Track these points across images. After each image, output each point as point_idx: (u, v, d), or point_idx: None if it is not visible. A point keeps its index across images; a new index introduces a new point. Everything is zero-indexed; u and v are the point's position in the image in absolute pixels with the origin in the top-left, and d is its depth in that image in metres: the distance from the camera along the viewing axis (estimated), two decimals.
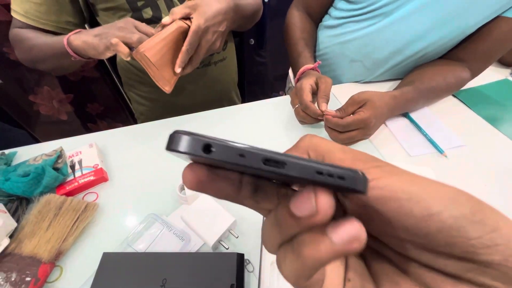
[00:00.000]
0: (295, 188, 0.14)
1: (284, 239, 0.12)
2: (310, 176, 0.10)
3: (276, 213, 0.12)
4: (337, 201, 0.14)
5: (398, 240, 0.12)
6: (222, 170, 0.13)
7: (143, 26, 0.49)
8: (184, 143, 0.10)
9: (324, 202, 0.10)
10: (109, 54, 0.47)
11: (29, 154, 0.52)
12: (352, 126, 0.50)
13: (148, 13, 0.60)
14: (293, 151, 0.14)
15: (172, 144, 0.11)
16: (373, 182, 0.11)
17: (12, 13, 0.56)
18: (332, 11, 0.68)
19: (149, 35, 0.47)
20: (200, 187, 0.13)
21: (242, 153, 0.11)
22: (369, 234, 0.14)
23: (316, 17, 0.73)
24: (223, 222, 0.40)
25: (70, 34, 0.51)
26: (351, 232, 0.10)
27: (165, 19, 0.50)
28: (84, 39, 0.48)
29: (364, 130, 0.51)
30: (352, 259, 0.14)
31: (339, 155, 0.13)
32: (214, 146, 0.10)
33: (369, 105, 0.50)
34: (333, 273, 0.13)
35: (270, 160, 0.11)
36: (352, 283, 0.13)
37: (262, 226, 0.14)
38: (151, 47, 0.46)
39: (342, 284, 0.13)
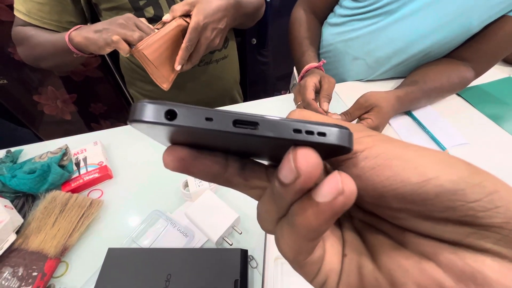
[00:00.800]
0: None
1: (280, 213, 0.12)
2: (287, 135, 0.09)
3: (270, 187, 0.11)
4: None
5: (394, 211, 0.11)
6: (204, 150, 0.12)
7: (143, 22, 0.50)
8: (146, 112, 0.09)
9: (304, 162, 0.09)
10: (109, 50, 0.48)
11: (34, 152, 0.53)
12: None
13: (150, 12, 0.60)
14: None
15: (134, 115, 0.09)
16: (365, 152, 0.11)
17: (15, 12, 0.57)
18: (337, 9, 0.68)
19: (147, 33, 0.48)
20: (183, 166, 0.12)
21: (209, 116, 0.10)
22: (363, 209, 0.14)
23: (321, 16, 0.73)
24: (227, 219, 0.41)
25: (70, 30, 0.51)
26: (333, 187, 0.09)
27: (166, 17, 0.50)
28: (85, 35, 0.49)
29: None
30: (348, 234, 0.14)
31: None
32: (178, 111, 0.09)
33: (377, 112, 0.50)
34: (331, 249, 0.13)
35: (241, 122, 0.10)
36: (349, 258, 0.13)
37: (258, 205, 0.13)
38: (149, 45, 0.46)
39: (340, 260, 0.13)
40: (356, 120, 0.53)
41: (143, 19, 0.51)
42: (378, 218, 0.13)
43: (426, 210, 0.10)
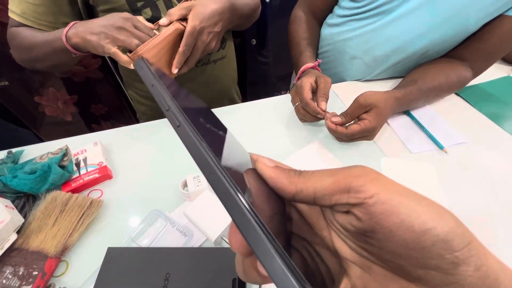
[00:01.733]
0: None
1: None
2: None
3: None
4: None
5: (395, 256, 0.12)
6: None
7: (142, 22, 0.50)
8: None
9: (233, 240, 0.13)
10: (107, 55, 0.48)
11: (35, 153, 0.53)
12: (357, 135, 0.50)
13: (147, 13, 0.61)
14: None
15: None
16: (374, 198, 0.12)
17: (10, 14, 0.57)
18: (336, 10, 0.68)
19: (145, 33, 0.48)
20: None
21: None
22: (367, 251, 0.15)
23: (320, 17, 0.73)
24: (225, 218, 0.41)
25: (66, 29, 0.50)
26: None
27: (163, 20, 0.50)
28: (82, 35, 0.49)
29: (368, 136, 0.52)
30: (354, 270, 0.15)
31: (328, 180, 0.14)
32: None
33: (375, 112, 0.50)
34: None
35: None
36: None
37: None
38: (149, 50, 0.47)
39: None
40: (354, 120, 0.53)
41: (140, 18, 0.51)
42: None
43: (422, 258, 0.11)
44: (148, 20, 0.61)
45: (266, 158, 0.17)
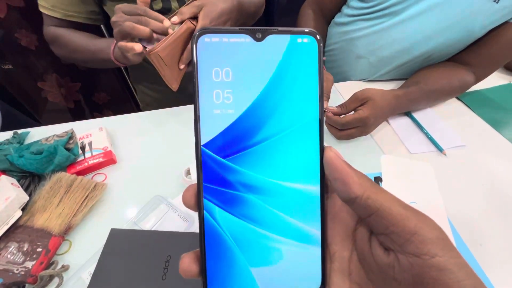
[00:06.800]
0: None
1: None
2: None
3: None
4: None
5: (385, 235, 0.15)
6: None
7: (154, 16, 0.51)
8: None
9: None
10: (137, 60, 0.50)
11: (40, 135, 0.54)
12: (350, 125, 0.52)
13: (158, 4, 0.61)
14: None
15: None
16: (433, 261, 0.13)
17: (40, 8, 0.60)
18: (345, 9, 0.69)
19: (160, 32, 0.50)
20: None
21: None
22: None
23: (328, 16, 0.74)
24: None
25: (112, 47, 0.56)
26: None
27: (174, 19, 0.51)
28: (116, 55, 0.54)
29: (362, 128, 0.53)
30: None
31: (399, 210, 0.14)
32: None
33: (370, 104, 0.52)
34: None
35: None
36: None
37: None
38: (164, 48, 0.48)
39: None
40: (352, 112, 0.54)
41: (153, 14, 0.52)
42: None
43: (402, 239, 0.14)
44: (159, 11, 0.61)
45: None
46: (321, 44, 0.16)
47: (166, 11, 0.62)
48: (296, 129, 0.16)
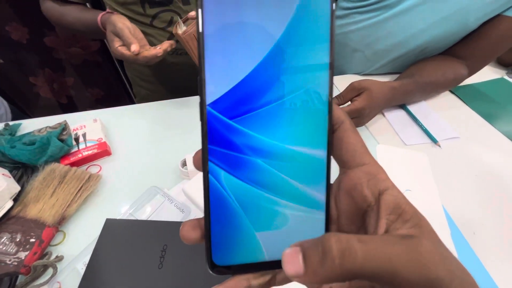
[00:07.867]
0: None
1: None
2: None
3: None
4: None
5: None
6: None
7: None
8: None
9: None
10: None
11: (32, 127, 0.53)
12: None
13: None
14: None
15: None
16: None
17: None
18: (340, 2, 0.69)
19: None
20: None
21: None
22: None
23: None
24: None
25: (100, 15, 0.55)
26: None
27: (192, 13, 0.52)
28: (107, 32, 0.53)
29: (358, 119, 0.53)
30: None
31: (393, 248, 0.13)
32: None
33: (366, 95, 0.52)
34: None
35: None
36: None
37: None
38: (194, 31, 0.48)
39: None
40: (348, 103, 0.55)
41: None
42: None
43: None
44: (160, 2, 0.61)
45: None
46: None
47: (167, 2, 0.61)
48: (305, 90, 0.15)
